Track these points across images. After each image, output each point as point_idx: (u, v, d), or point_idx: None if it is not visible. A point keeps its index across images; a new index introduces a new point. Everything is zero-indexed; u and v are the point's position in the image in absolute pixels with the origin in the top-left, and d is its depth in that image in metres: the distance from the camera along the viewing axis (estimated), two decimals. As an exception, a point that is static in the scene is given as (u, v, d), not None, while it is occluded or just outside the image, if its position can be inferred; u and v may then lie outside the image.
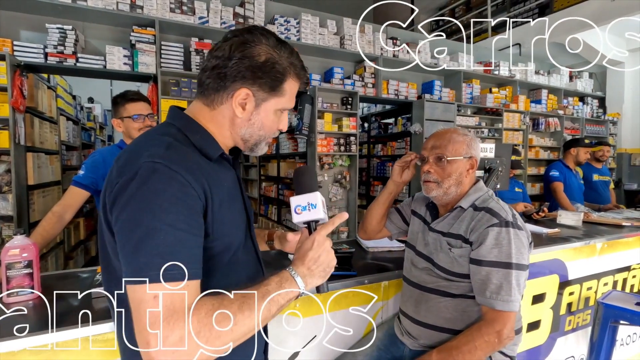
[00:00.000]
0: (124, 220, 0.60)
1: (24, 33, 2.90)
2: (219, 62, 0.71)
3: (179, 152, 0.66)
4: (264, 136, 0.78)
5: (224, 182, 0.73)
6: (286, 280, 0.67)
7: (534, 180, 5.40)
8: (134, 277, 0.57)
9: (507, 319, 1.02)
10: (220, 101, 0.73)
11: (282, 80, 0.74)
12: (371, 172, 5.54)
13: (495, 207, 1.11)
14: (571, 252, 1.98)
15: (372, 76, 4.18)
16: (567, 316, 2.01)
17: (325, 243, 0.72)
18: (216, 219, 0.68)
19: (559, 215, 2.58)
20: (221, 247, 0.71)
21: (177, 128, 0.72)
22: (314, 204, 0.73)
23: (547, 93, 5.55)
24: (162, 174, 0.61)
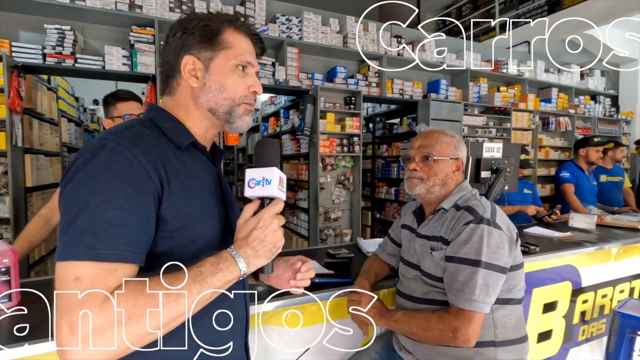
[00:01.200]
0: (65, 195, 0.57)
1: (22, 34, 2.88)
2: (163, 56, 0.74)
3: (137, 133, 0.63)
4: (232, 99, 0.72)
5: (193, 171, 0.69)
6: (225, 261, 0.61)
7: (544, 182, 5.25)
8: (62, 254, 0.54)
9: (469, 320, 0.96)
10: (176, 83, 0.73)
11: (217, 31, 0.71)
12: (376, 173, 5.44)
13: (475, 204, 1.06)
14: (584, 258, 1.87)
15: (376, 75, 4.09)
16: (580, 325, 1.90)
17: (273, 222, 0.66)
18: (175, 206, 0.63)
19: (571, 218, 2.46)
20: (184, 238, 0.65)
21: (149, 118, 0.71)
22: (269, 180, 0.68)
23: (557, 92, 5.39)
24: (110, 150, 0.58)
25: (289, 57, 3.62)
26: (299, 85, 3.68)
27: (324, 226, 3.81)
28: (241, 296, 0.79)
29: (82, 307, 0.51)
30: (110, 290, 0.53)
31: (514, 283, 1.07)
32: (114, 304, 0.52)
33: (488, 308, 0.97)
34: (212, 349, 0.69)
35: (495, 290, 0.98)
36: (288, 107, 4.55)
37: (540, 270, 1.75)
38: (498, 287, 0.99)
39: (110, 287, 0.53)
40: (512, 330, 1.07)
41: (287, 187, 3.99)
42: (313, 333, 1.24)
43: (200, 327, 0.66)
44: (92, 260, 0.53)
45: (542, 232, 2.22)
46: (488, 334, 1.04)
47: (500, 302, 1.05)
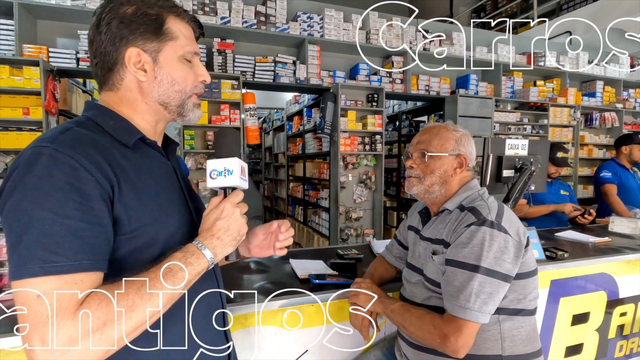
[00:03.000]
0: (7, 212, 0.54)
1: (59, 40, 3.07)
2: (94, 45, 0.66)
3: (74, 136, 0.59)
4: (183, 91, 0.70)
5: (144, 168, 0.66)
6: (192, 254, 0.62)
7: (586, 182, 4.87)
8: (17, 272, 0.51)
9: (460, 328, 0.87)
10: (120, 77, 0.67)
11: (161, 21, 0.67)
12: (402, 172, 5.29)
13: (480, 205, 0.97)
14: (623, 266, 1.69)
15: (400, 71, 3.97)
16: (617, 340, 1.73)
17: (236, 211, 0.67)
18: (129, 207, 0.60)
19: (612, 222, 2.24)
20: (144, 239, 0.63)
21: (87, 117, 0.66)
22: (231, 170, 0.68)
23: (602, 85, 4.97)
24: (49, 158, 0.55)
25: (310, 55, 3.60)
26: (320, 83, 3.65)
27: (345, 226, 3.75)
28: (217, 294, 0.78)
29: (52, 322, 0.50)
30: (80, 301, 0.53)
31: (525, 292, 0.97)
32: (89, 313, 0.52)
33: (485, 318, 0.88)
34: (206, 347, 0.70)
35: (494, 299, 0.89)
36: (311, 105, 4.54)
37: (570, 278, 1.60)
38: (499, 296, 0.90)
39: (77, 298, 0.53)
40: (523, 344, 0.97)
41: (310, 186, 4.01)
42: (312, 335, 1.21)
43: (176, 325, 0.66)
44: (51, 274, 0.51)
45: (576, 236, 2.04)
46: (494, 348, 0.95)
47: (509, 313, 0.96)
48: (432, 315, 0.95)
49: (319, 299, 1.20)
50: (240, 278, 1.41)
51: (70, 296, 0.52)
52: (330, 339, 1.22)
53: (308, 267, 1.46)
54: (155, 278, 0.57)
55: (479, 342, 0.93)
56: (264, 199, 7.56)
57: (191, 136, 3.23)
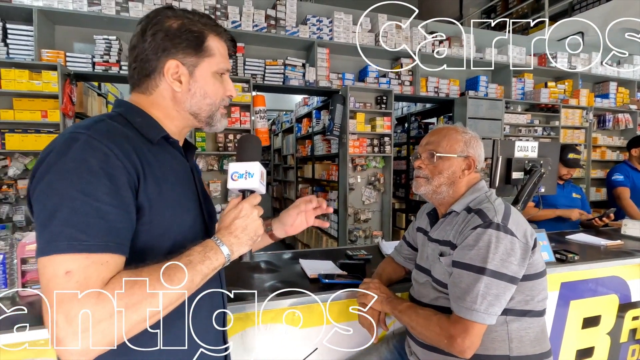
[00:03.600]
0: (40, 191, 0.56)
1: (76, 45, 3.16)
2: (136, 51, 0.70)
3: (108, 126, 0.63)
4: (213, 104, 0.75)
5: (166, 163, 0.70)
6: (210, 249, 0.65)
7: (599, 185, 4.79)
8: (42, 249, 0.53)
9: (467, 329, 0.89)
10: (155, 84, 0.72)
11: (203, 38, 0.72)
12: (411, 174, 5.28)
13: (486, 207, 0.97)
14: (635, 269, 1.68)
15: (409, 73, 3.98)
16: (629, 344, 1.71)
17: (254, 212, 0.70)
18: (151, 197, 0.63)
19: (624, 225, 2.22)
20: (159, 230, 0.66)
21: (118, 113, 0.70)
22: (252, 173, 0.72)
23: (616, 86, 4.90)
24: (83, 143, 0.58)
25: (319, 57, 3.63)
26: (329, 86, 3.68)
27: (354, 227, 3.76)
28: (220, 294, 0.81)
29: (78, 300, 0.51)
30: (105, 281, 0.54)
31: (533, 294, 0.98)
32: (111, 295, 0.53)
33: (492, 319, 0.89)
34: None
35: (501, 300, 0.90)
36: (320, 107, 4.57)
37: (580, 280, 1.59)
38: (505, 297, 0.91)
39: (104, 279, 0.55)
40: (531, 345, 0.98)
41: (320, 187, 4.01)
42: (321, 333, 1.23)
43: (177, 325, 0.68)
44: (79, 252, 0.53)
45: (588, 239, 2.03)
46: (501, 348, 0.96)
47: (516, 314, 0.97)
48: (439, 316, 0.96)
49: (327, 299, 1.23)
50: (251, 277, 1.44)
51: (97, 275, 0.54)
52: (340, 335, 1.24)
53: (317, 267, 1.48)
54: (176, 267, 0.59)
55: (487, 342, 0.94)
56: (273, 201, 7.60)
57: (202, 138, 3.29)
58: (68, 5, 2.92)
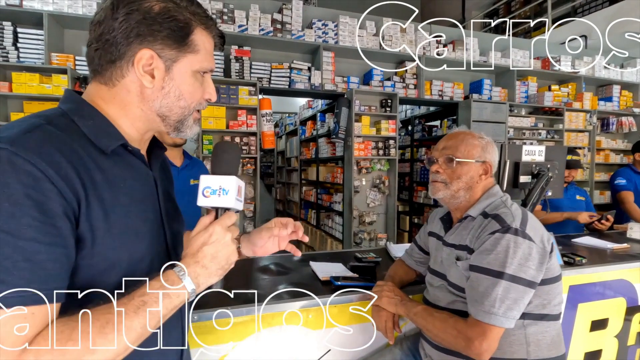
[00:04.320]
0: None
1: (85, 49, 3.19)
2: (102, 28, 0.57)
3: (42, 136, 0.50)
4: (187, 108, 0.63)
5: (119, 179, 0.58)
6: (171, 283, 0.54)
7: (602, 188, 4.80)
8: None
9: (485, 332, 0.90)
10: (120, 74, 0.59)
11: (188, 30, 0.59)
12: (414, 176, 5.30)
13: (504, 213, 0.99)
14: (642, 272, 1.69)
15: (414, 77, 4.00)
16: (637, 347, 1.72)
17: (226, 235, 0.59)
18: (95, 225, 0.53)
19: (630, 228, 2.24)
20: (105, 263, 0.55)
21: (62, 112, 0.57)
22: (226, 190, 0.61)
23: (619, 89, 4.91)
24: (6, 164, 0.46)
25: (325, 61, 3.66)
26: (334, 89, 3.70)
27: (359, 230, 3.78)
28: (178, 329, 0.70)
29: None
30: (29, 339, 0.46)
31: (549, 298, 0.99)
32: (33, 355, 0.45)
33: (510, 323, 0.91)
34: None
35: (519, 304, 0.92)
36: (324, 110, 4.59)
37: (588, 284, 1.60)
38: (523, 301, 0.92)
39: (28, 337, 0.45)
40: (548, 349, 0.99)
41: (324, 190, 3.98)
42: (334, 334, 1.25)
43: None
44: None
45: (594, 242, 2.04)
46: (519, 352, 0.98)
47: (534, 318, 0.98)
48: (455, 319, 0.98)
49: (339, 302, 1.25)
50: (262, 279, 1.46)
51: (16, 335, 0.44)
52: (353, 337, 1.26)
53: (328, 269, 1.50)
54: (127, 312, 0.50)
55: (505, 346, 0.96)
56: (277, 203, 7.63)
57: (210, 141, 3.31)
58: (78, 9, 2.96)
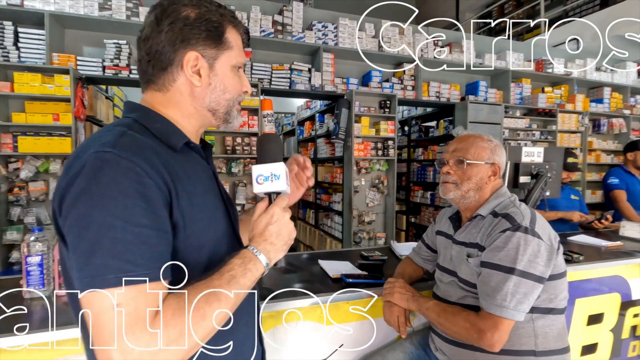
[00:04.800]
0: (74, 220, 0.53)
1: (86, 49, 3.19)
2: (149, 42, 0.65)
3: (133, 140, 0.59)
4: (232, 100, 0.72)
5: (193, 174, 0.66)
6: (250, 260, 0.63)
7: (594, 187, 4.92)
8: (89, 283, 0.51)
9: (496, 325, 0.96)
10: (172, 78, 0.67)
11: (222, 30, 0.68)
12: (411, 176, 5.38)
13: (514, 212, 1.05)
14: (636, 269, 1.77)
15: (412, 78, 4.07)
16: (630, 341, 1.80)
17: (285, 215, 0.68)
18: (185, 212, 0.61)
19: (622, 227, 2.32)
20: (195, 244, 0.63)
21: (133, 119, 0.65)
22: (277, 175, 0.69)
23: (610, 91, 5.04)
24: (114, 164, 0.54)
25: (325, 62, 3.70)
26: (334, 90, 3.75)
27: (358, 229, 3.83)
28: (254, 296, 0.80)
29: (133, 333, 0.50)
30: (153, 310, 0.53)
31: (556, 292, 1.05)
32: (166, 324, 0.52)
33: (520, 316, 0.96)
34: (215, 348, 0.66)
35: (529, 298, 0.97)
36: (323, 111, 4.64)
37: (585, 280, 1.67)
38: (532, 295, 0.98)
39: (152, 307, 0.53)
40: (554, 341, 1.05)
41: (322, 190, 4.07)
42: (346, 330, 1.29)
43: None
44: (127, 284, 0.51)
45: (589, 240, 2.12)
46: (528, 343, 1.03)
47: (542, 312, 1.04)
48: (468, 313, 1.03)
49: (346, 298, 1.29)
50: (274, 277, 1.50)
51: (146, 305, 0.52)
52: (366, 332, 1.31)
53: (337, 267, 1.54)
54: (220, 286, 0.58)
55: (514, 338, 1.01)
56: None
57: (212, 141, 3.33)
58: (79, 9, 2.96)
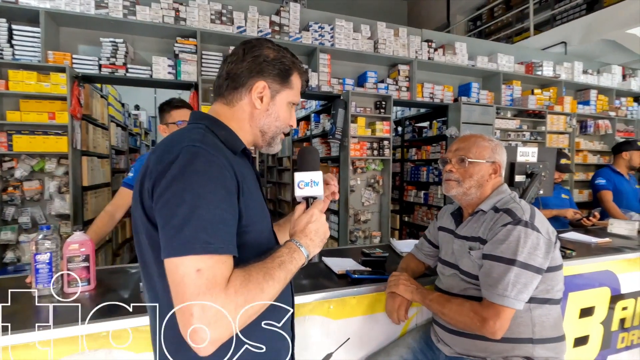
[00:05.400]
0: (168, 199, 0.63)
1: (81, 47, 3.16)
2: (233, 66, 0.81)
3: (212, 139, 0.72)
4: (280, 128, 0.85)
5: (247, 175, 0.77)
6: (294, 250, 0.74)
7: (581, 187, 5.07)
8: (179, 250, 0.60)
9: (499, 313, 1.01)
10: (239, 97, 0.81)
11: (290, 72, 0.83)
12: (405, 176, 5.45)
13: (514, 207, 1.10)
14: (624, 264, 1.84)
15: (406, 80, 4.13)
16: (619, 333, 1.87)
17: (322, 216, 0.81)
18: (246, 204, 0.72)
19: (610, 224, 2.41)
20: (251, 236, 0.74)
21: (204, 126, 0.77)
22: (317, 182, 0.81)
23: (596, 93, 5.20)
24: (203, 156, 0.66)
25: (321, 63, 3.73)
26: (331, 91, 3.79)
27: (354, 228, 3.88)
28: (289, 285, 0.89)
29: (211, 294, 0.59)
30: (226, 279, 0.62)
31: (553, 284, 1.11)
32: (236, 290, 0.61)
33: (520, 305, 1.01)
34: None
35: (529, 288, 1.02)
36: (319, 111, 4.67)
37: (577, 275, 1.74)
38: (532, 286, 1.03)
39: (226, 277, 0.62)
40: (551, 329, 1.11)
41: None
42: (352, 324, 1.33)
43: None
44: (209, 253, 0.61)
45: (579, 237, 2.20)
46: (526, 331, 1.09)
47: (539, 302, 1.09)
48: (471, 303, 1.08)
49: (355, 293, 1.33)
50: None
51: (221, 273, 0.61)
52: (371, 326, 1.35)
53: (341, 264, 1.58)
54: (272, 268, 0.68)
55: (513, 326, 1.06)
56: (267, 202, 7.66)
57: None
58: (75, 7, 2.93)
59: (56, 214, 2.85)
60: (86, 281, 1.27)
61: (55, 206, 2.83)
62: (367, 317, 1.35)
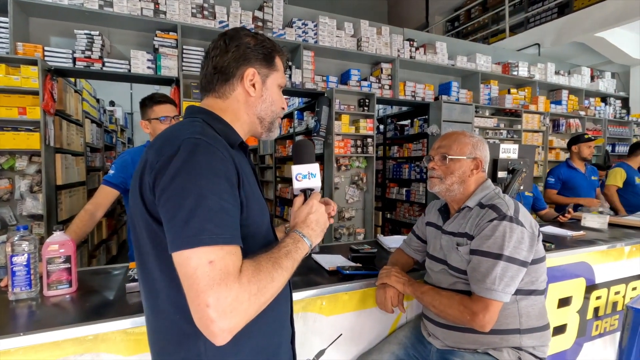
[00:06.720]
0: (172, 192, 0.62)
1: (53, 39, 3.01)
2: (219, 59, 0.80)
3: (212, 132, 0.72)
4: (275, 112, 0.86)
5: (245, 166, 0.77)
6: (298, 240, 0.75)
7: (554, 183, 5.28)
8: (188, 242, 0.59)
9: (487, 307, 1.04)
10: (232, 88, 0.81)
11: (273, 55, 0.84)
12: (387, 174, 5.52)
13: (499, 203, 1.13)
14: (598, 255, 1.94)
15: (389, 78, 4.17)
16: (594, 321, 1.97)
17: (322, 207, 0.82)
18: (247, 197, 0.72)
19: (584, 218, 2.52)
20: (252, 229, 0.74)
21: (201, 119, 0.77)
22: (314, 174, 0.82)
23: (567, 94, 5.43)
24: (204, 148, 0.65)
25: (305, 60, 3.72)
26: (315, 88, 3.78)
27: (338, 225, 3.89)
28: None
29: (225, 284, 0.58)
30: (238, 269, 0.61)
31: (537, 275, 1.15)
32: (246, 280, 0.61)
33: (507, 297, 1.05)
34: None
35: (515, 281, 1.05)
36: (302, 108, 4.65)
37: (556, 266, 1.82)
38: (518, 278, 1.06)
39: (237, 267, 0.61)
40: (536, 319, 1.15)
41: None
42: (345, 320, 1.33)
43: None
44: (218, 244, 0.60)
45: (556, 231, 2.29)
46: (513, 322, 1.12)
47: (524, 293, 1.13)
48: (461, 297, 1.10)
49: (347, 289, 1.34)
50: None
51: (232, 264, 0.61)
52: (363, 322, 1.36)
53: (331, 260, 1.58)
54: (279, 257, 0.68)
55: (501, 318, 1.10)
56: (264, 196, 7.57)
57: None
58: (46, -3, 2.79)
59: (28, 214, 2.71)
60: (67, 283, 1.21)
61: (27, 206, 2.69)
62: (359, 312, 1.36)
